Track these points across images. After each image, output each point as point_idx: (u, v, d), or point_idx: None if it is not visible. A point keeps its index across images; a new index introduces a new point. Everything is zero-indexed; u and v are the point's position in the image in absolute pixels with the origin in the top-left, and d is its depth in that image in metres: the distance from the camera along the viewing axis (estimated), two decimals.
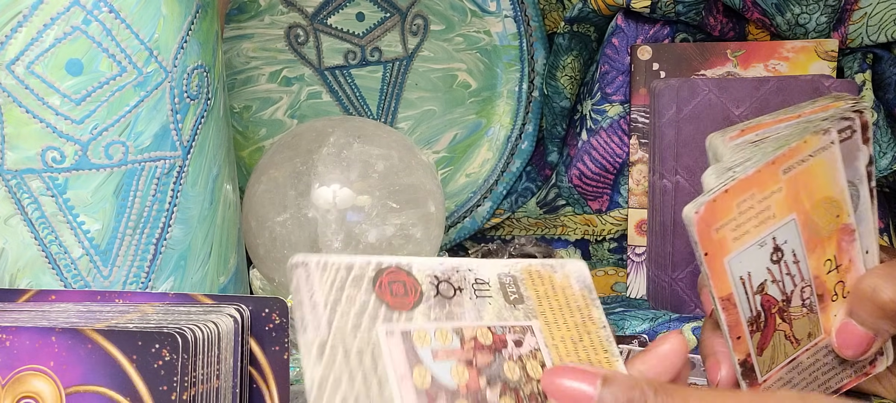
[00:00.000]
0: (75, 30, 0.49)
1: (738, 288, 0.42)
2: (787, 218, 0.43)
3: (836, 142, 0.44)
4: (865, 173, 0.45)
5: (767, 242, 0.43)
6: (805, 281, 0.44)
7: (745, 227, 0.42)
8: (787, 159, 0.43)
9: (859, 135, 0.45)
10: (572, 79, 0.79)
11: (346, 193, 0.64)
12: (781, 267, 0.43)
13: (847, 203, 0.44)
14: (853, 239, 0.45)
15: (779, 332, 0.44)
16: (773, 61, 0.73)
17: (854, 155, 0.45)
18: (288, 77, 0.78)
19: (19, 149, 0.50)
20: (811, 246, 0.44)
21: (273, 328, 0.43)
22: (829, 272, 0.45)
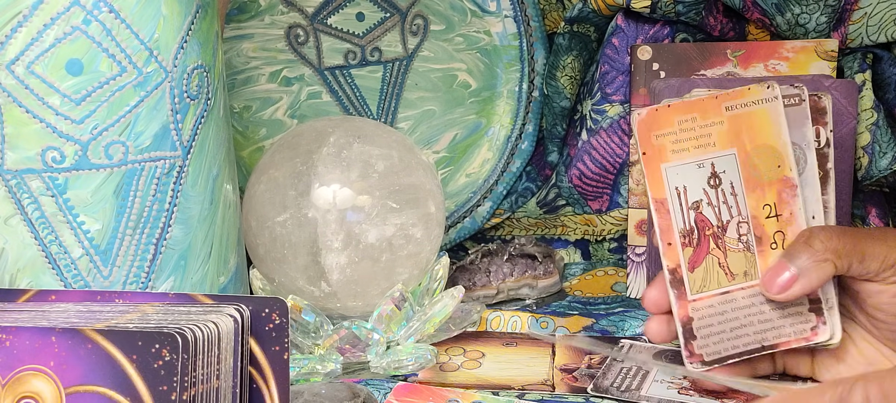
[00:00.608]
0: (75, 30, 0.49)
1: (672, 197, 0.49)
2: (727, 150, 0.49)
3: (779, 98, 0.49)
4: (813, 144, 0.50)
5: (706, 165, 0.48)
6: (742, 216, 0.49)
7: (685, 144, 0.48)
8: (729, 98, 0.49)
9: (805, 108, 0.50)
10: (572, 79, 0.79)
11: (346, 193, 0.64)
12: (718, 194, 0.49)
13: (790, 158, 0.49)
14: (795, 195, 0.49)
15: (712, 256, 0.49)
16: (773, 61, 0.73)
17: (801, 122, 0.50)
18: (288, 77, 0.78)
19: (19, 149, 0.50)
20: (750, 185, 0.49)
21: (273, 328, 0.43)
22: (767, 217, 0.49)
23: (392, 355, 0.64)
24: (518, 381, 0.61)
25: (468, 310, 0.70)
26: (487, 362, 0.65)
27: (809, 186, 0.49)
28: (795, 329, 0.49)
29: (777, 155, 0.49)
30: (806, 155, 0.50)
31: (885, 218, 0.74)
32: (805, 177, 0.49)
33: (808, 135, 0.50)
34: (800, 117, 0.50)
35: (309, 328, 0.65)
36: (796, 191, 0.49)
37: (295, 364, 0.62)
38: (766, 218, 0.48)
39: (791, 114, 0.49)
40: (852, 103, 0.68)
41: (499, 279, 0.75)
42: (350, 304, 0.67)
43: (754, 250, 0.48)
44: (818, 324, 0.48)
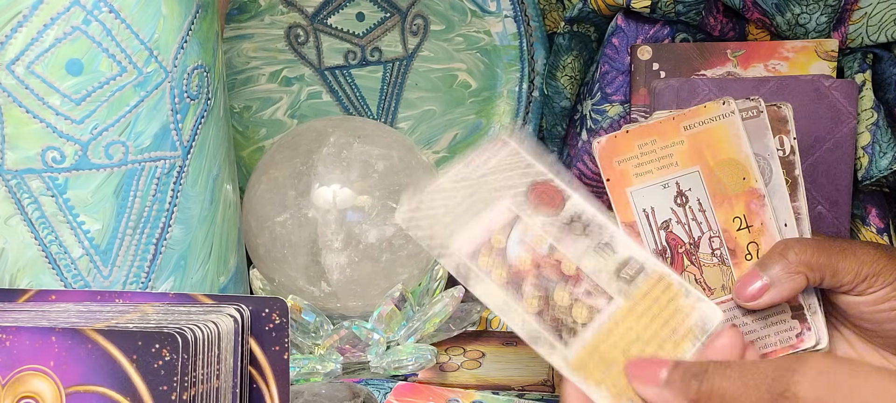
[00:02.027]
0: (75, 30, 0.49)
1: (641, 219, 0.49)
2: (690, 168, 0.49)
3: (736, 113, 0.49)
4: (776, 153, 0.50)
5: (670, 185, 0.49)
6: (713, 231, 0.49)
7: (647, 167, 0.49)
8: (686, 118, 0.49)
9: (764, 118, 0.50)
10: (572, 79, 0.79)
11: (346, 193, 0.64)
12: (687, 212, 0.49)
13: (754, 170, 0.49)
14: (763, 205, 0.49)
15: (687, 274, 0.49)
16: (773, 61, 0.73)
17: (761, 133, 0.50)
18: (288, 77, 0.78)
19: (19, 149, 0.50)
20: (717, 200, 0.49)
21: (273, 328, 0.43)
22: (739, 229, 0.49)
23: (392, 355, 0.64)
24: (518, 381, 0.61)
25: (468, 310, 0.70)
26: (487, 362, 0.65)
27: (778, 195, 0.50)
28: (781, 337, 0.49)
29: (741, 168, 0.49)
30: (770, 165, 0.50)
31: (885, 218, 0.74)
32: (772, 187, 0.50)
33: (769, 145, 0.50)
34: (759, 129, 0.50)
35: (309, 328, 0.65)
36: (764, 201, 0.49)
37: (295, 364, 0.62)
38: (737, 231, 0.49)
39: (750, 126, 0.50)
40: (852, 103, 0.68)
41: None
42: (350, 304, 0.67)
43: (729, 263, 0.48)
44: (803, 330, 0.48)
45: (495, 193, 0.46)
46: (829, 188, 0.69)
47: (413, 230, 0.45)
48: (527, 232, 0.45)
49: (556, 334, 0.43)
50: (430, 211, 0.45)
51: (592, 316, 0.44)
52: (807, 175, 0.69)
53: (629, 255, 0.45)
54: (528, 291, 0.44)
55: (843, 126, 0.68)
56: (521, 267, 0.44)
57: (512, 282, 0.44)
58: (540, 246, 0.45)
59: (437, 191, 0.46)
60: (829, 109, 0.68)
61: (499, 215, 0.45)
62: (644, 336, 0.43)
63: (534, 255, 0.45)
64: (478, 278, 0.43)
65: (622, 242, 0.46)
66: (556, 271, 0.44)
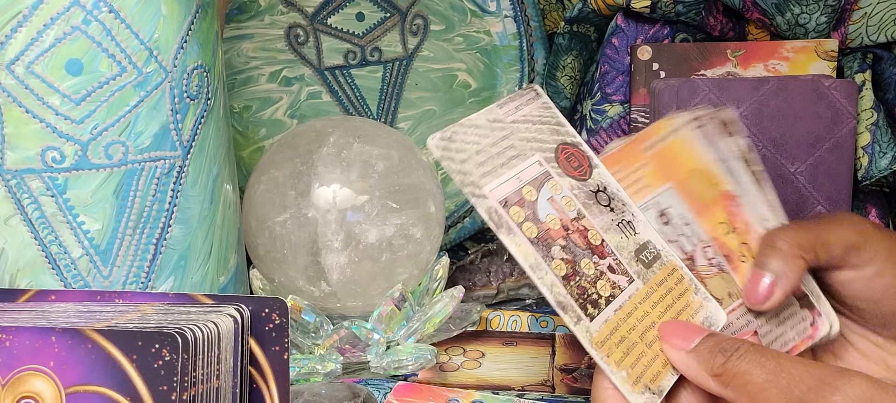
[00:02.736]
0: (75, 30, 0.49)
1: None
2: (663, 186, 0.49)
3: (684, 126, 0.50)
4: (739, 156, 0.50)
5: (650, 207, 0.48)
6: (703, 240, 0.48)
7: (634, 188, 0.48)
8: (644, 139, 0.50)
9: (715, 125, 0.51)
10: (572, 79, 0.79)
11: (346, 193, 0.64)
12: (674, 229, 0.48)
13: (720, 173, 0.50)
14: (738, 205, 0.49)
15: None
16: (773, 61, 0.73)
17: (714, 139, 0.51)
18: (288, 77, 0.78)
19: (19, 149, 0.50)
20: (698, 209, 0.49)
21: (273, 328, 0.43)
22: (726, 234, 0.49)
23: (392, 355, 0.64)
24: (518, 381, 0.61)
25: (468, 310, 0.70)
26: (487, 362, 0.65)
27: (748, 192, 0.50)
28: (797, 330, 0.49)
29: (708, 174, 0.50)
30: (732, 165, 0.50)
31: (886, 217, 0.74)
32: (741, 186, 0.50)
33: (724, 148, 0.51)
34: (712, 135, 0.51)
35: (309, 328, 0.65)
36: (739, 201, 0.49)
37: (295, 364, 0.62)
38: (725, 236, 0.49)
39: (701, 135, 0.50)
40: (852, 103, 0.68)
41: (499, 279, 0.75)
42: (350, 304, 0.67)
43: (728, 269, 0.48)
44: (814, 318, 0.48)
45: (527, 144, 0.45)
46: (829, 188, 0.69)
47: (446, 161, 0.44)
48: (557, 191, 0.45)
49: (582, 305, 0.43)
50: (463, 146, 0.45)
51: (614, 293, 0.44)
52: (807, 175, 0.69)
53: (648, 239, 0.45)
54: (556, 253, 0.43)
55: (843, 126, 0.68)
56: (552, 226, 0.44)
57: (542, 241, 0.43)
58: (569, 209, 0.45)
59: (471, 125, 0.46)
60: (829, 109, 0.68)
61: (530, 167, 0.45)
62: (659, 324, 0.43)
63: (563, 218, 0.44)
64: (510, 228, 0.43)
65: (642, 224, 0.46)
66: (584, 239, 0.44)
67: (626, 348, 0.42)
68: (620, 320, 0.43)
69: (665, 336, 0.42)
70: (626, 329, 0.43)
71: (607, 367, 0.41)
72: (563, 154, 0.46)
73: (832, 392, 0.36)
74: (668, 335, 0.42)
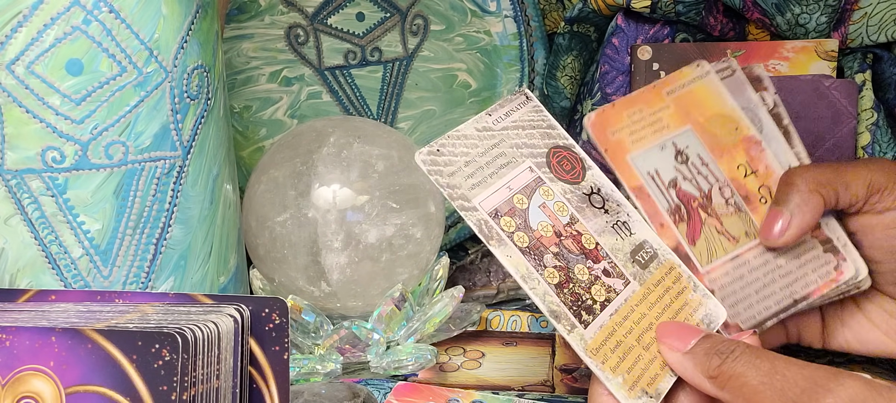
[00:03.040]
0: (75, 30, 0.49)
1: (648, 182, 0.49)
2: (682, 127, 0.49)
3: (711, 73, 0.50)
4: (762, 106, 0.50)
5: (668, 146, 0.49)
6: (720, 181, 0.49)
7: (641, 134, 0.49)
8: (666, 84, 0.50)
9: (740, 75, 0.51)
10: (572, 79, 0.79)
11: (346, 193, 0.64)
12: (690, 168, 0.49)
13: (744, 120, 0.50)
14: (762, 150, 0.49)
15: (707, 226, 0.48)
16: (773, 61, 0.73)
17: (741, 89, 0.51)
18: (288, 77, 0.78)
19: (19, 149, 0.50)
20: (717, 151, 0.49)
21: (273, 328, 0.43)
22: (745, 176, 0.49)
23: (392, 355, 0.64)
24: (518, 381, 0.61)
25: (468, 310, 0.70)
26: (487, 362, 0.65)
27: (774, 140, 0.50)
28: (819, 273, 0.48)
29: (730, 119, 0.50)
30: (759, 115, 0.50)
31: None
32: (766, 134, 0.50)
33: (752, 97, 0.50)
34: (738, 85, 0.51)
35: (309, 328, 0.65)
36: (762, 147, 0.49)
37: (295, 364, 0.62)
38: (744, 178, 0.49)
39: (729, 84, 0.51)
40: (852, 103, 0.68)
41: (499, 279, 0.75)
42: (350, 304, 0.67)
43: (745, 209, 0.48)
44: (838, 262, 0.48)
45: (517, 150, 0.45)
46: None
47: (434, 175, 0.44)
48: (549, 197, 0.45)
49: (576, 312, 0.42)
50: (451, 158, 0.45)
51: (610, 297, 0.43)
52: None
53: (644, 239, 0.45)
54: (549, 261, 0.43)
55: (843, 126, 0.68)
56: (544, 234, 0.43)
57: (534, 250, 0.43)
58: (561, 214, 0.44)
59: (460, 136, 0.45)
60: (829, 109, 0.68)
61: (521, 174, 0.45)
62: (657, 325, 0.43)
63: (555, 224, 0.44)
64: (501, 240, 0.43)
65: (638, 224, 0.46)
66: (577, 244, 0.44)
67: (622, 353, 0.42)
68: (616, 324, 0.43)
69: (661, 338, 0.42)
70: (621, 333, 0.42)
71: (602, 374, 0.41)
72: (554, 158, 0.46)
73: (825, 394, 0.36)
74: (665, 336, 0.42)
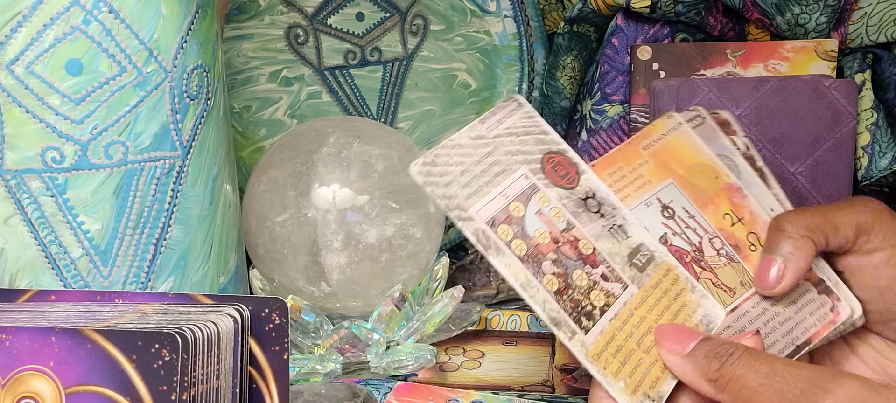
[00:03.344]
0: (75, 30, 0.49)
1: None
2: (663, 182, 0.49)
3: (683, 124, 0.50)
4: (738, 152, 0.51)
5: (653, 202, 0.48)
6: (709, 232, 0.48)
7: (625, 192, 0.48)
8: (642, 139, 0.50)
9: (710, 122, 0.51)
10: (572, 79, 0.79)
11: (346, 193, 0.64)
12: (678, 222, 0.48)
13: (722, 167, 0.50)
14: (744, 196, 0.49)
15: (703, 280, 0.48)
16: (772, 61, 0.73)
17: (713, 136, 0.51)
18: (288, 77, 0.78)
19: (19, 149, 0.50)
20: (701, 202, 0.49)
21: (273, 328, 0.43)
22: (733, 224, 0.49)
23: (392, 355, 0.64)
24: (518, 381, 0.61)
25: (468, 310, 0.70)
26: (487, 362, 0.65)
27: (753, 185, 0.50)
28: (817, 316, 0.48)
29: (709, 168, 0.50)
30: (735, 161, 0.50)
31: None
32: (745, 179, 0.50)
33: (725, 144, 0.51)
34: (710, 133, 0.51)
35: (309, 328, 0.65)
36: (744, 193, 0.49)
37: (295, 364, 0.62)
38: (732, 226, 0.49)
39: (701, 132, 0.51)
40: (852, 103, 0.68)
41: (498, 279, 0.75)
42: (350, 304, 0.67)
43: (737, 259, 0.48)
44: (834, 303, 0.48)
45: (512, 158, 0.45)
46: (829, 188, 0.69)
47: (430, 186, 0.43)
48: (545, 203, 0.44)
49: (576, 318, 0.42)
50: (446, 168, 0.44)
51: (609, 301, 0.43)
52: (807, 175, 0.69)
53: (641, 241, 0.45)
54: (547, 268, 0.43)
55: (842, 126, 0.68)
56: (541, 241, 0.43)
57: (532, 258, 0.43)
58: (558, 220, 0.44)
59: (454, 146, 0.45)
60: (829, 109, 0.68)
61: (516, 182, 0.44)
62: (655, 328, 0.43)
63: (552, 230, 0.44)
64: (499, 249, 0.42)
65: (633, 226, 0.45)
66: (574, 250, 0.44)
67: (624, 357, 0.42)
68: (616, 329, 0.43)
69: (660, 341, 0.42)
70: (622, 337, 0.42)
71: (604, 379, 0.41)
72: (549, 163, 0.46)
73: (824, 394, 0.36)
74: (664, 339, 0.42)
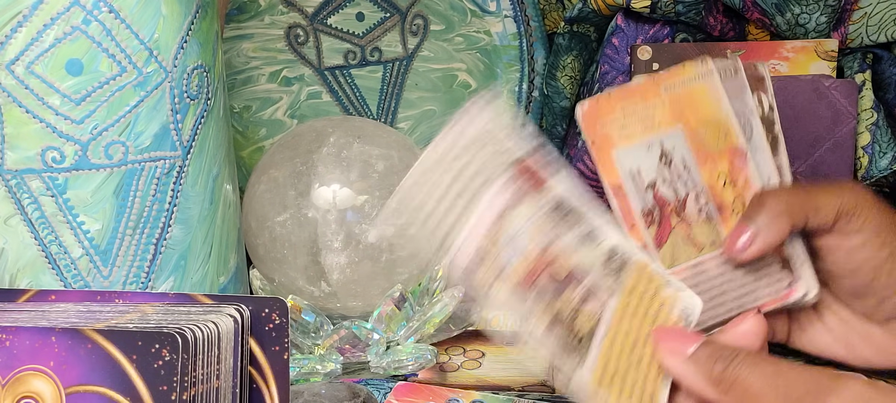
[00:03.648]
0: (75, 30, 0.49)
1: (627, 181, 0.48)
2: (672, 128, 0.49)
3: (714, 72, 0.49)
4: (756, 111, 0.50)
5: (654, 145, 0.48)
6: (698, 187, 0.48)
7: (631, 129, 0.48)
8: (667, 78, 0.49)
9: (742, 76, 0.50)
10: (572, 79, 0.79)
11: (346, 193, 0.64)
12: (672, 171, 0.48)
13: (735, 127, 0.49)
14: (746, 161, 0.49)
15: (676, 231, 0.48)
16: (773, 61, 0.73)
17: (740, 91, 0.50)
18: (288, 77, 0.78)
19: (19, 149, 0.50)
20: (701, 157, 0.49)
21: (273, 328, 0.43)
22: (724, 185, 0.49)
23: (392, 355, 0.64)
24: (518, 381, 0.61)
25: (468, 310, 0.70)
26: (487, 362, 0.65)
27: (760, 151, 0.50)
28: (771, 290, 0.49)
29: (722, 125, 0.49)
30: (751, 122, 0.50)
31: None
32: (753, 144, 0.49)
33: (749, 103, 0.50)
34: (738, 87, 0.50)
35: (309, 328, 0.65)
36: (747, 158, 0.49)
37: (295, 364, 0.62)
38: (722, 187, 0.49)
39: (729, 85, 0.50)
40: (852, 103, 0.68)
41: None
42: (350, 304, 0.67)
43: (716, 219, 0.48)
44: (792, 281, 0.48)
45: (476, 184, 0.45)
46: None
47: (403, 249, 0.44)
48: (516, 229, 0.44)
49: (573, 350, 0.42)
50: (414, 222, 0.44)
51: (595, 323, 0.43)
52: (807, 175, 0.69)
53: (612, 244, 0.45)
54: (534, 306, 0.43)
55: (842, 126, 0.68)
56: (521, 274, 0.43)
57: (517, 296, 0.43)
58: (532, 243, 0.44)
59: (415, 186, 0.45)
60: (829, 109, 0.68)
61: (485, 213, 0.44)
62: (641, 338, 0.43)
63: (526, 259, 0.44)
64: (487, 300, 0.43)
65: (602, 228, 0.45)
66: (551, 276, 0.44)
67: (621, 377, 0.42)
68: (607, 349, 0.43)
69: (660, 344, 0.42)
70: (614, 357, 0.42)
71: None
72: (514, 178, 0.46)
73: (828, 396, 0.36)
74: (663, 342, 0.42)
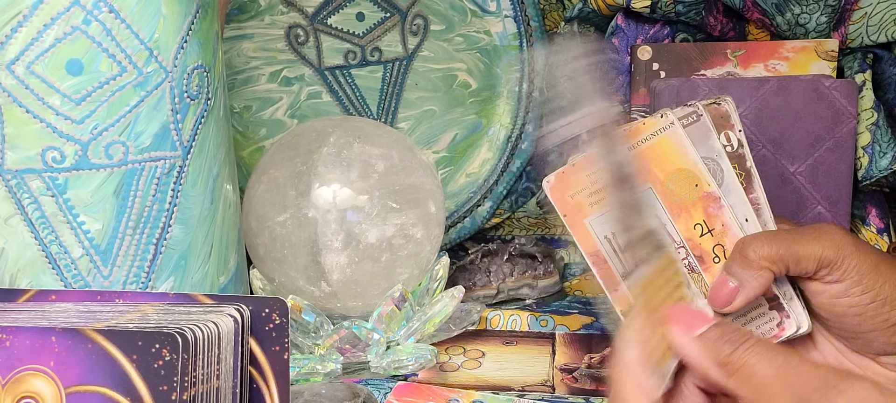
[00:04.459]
0: (75, 30, 0.49)
1: (604, 246, 0.49)
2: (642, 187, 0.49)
3: (675, 123, 0.50)
4: (724, 153, 0.50)
5: None
6: (676, 242, 0.49)
7: (600, 195, 0.49)
8: (628, 138, 0.50)
9: (705, 120, 0.50)
10: None
11: (346, 193, 0.64)
12: None
13: (704, 174, 0.49)
14: (720, 206, 0.49)
15: None
16: (773, 61, 0.73)
17: (705, 136, 0.50)
18: (288, 77, 0.78)
19: (19, 149, 0.50)
20: (675, 211, 0.49)
21: (273, 328, 0.43)
22: (701, 235, 0.49)
23: (392, 355, 0.64)
24: (518, 381, 0.61)
25: (468, 310, 0.70)
26: (487, 362, 0.65)
27: (733, 193, 0.50)
28: (763, 330, 0.49)
29: (691, 175, 0.49)
30: (720, 165, 0.50)
31: (885, 218, 0.74)
32: (725, 186, 0.50)
33: (715, 145, 0.50)
34: (702, 132, 0.50)
35: (309, 328, 0.65)
36: (721, 203, 0.49)
37: (295, 364, 0.62)
38: (700, 237, 0.49)
39: (692, 132, 0.50)
40: (852, 103, 0.68)
41: (499, 279, 0.75)
42: (350, 304, 0.67)
43: (699, 270, 0.49)
44: (782, 319, 0.48)
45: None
46: (829, 188, 0.69)
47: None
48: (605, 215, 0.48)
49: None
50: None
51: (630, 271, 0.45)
52: (807, 175, 0.69)
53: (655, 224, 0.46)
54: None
55: (843, 126, 0.68)
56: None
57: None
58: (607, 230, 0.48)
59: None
60: (829, 109, 0.68)
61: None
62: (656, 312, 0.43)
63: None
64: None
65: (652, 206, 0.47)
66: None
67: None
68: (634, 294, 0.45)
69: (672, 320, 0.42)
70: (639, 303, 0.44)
71: None
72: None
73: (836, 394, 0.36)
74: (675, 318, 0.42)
